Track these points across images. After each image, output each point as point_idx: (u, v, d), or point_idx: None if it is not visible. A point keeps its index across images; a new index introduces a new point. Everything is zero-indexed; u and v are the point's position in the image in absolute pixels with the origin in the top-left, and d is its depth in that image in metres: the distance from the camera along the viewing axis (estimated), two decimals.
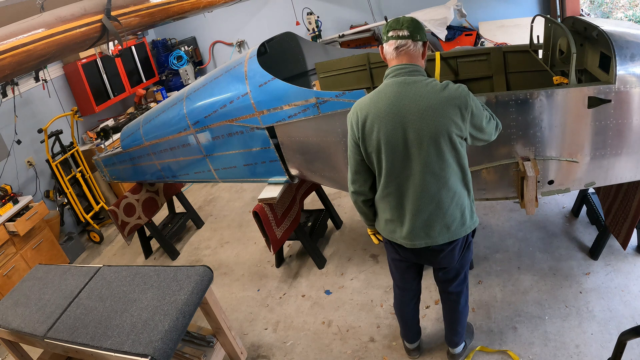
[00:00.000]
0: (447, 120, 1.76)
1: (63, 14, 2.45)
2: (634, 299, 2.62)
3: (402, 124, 1.80)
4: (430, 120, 1.76)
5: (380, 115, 1.83)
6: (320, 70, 3.75)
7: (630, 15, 6.51)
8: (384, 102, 1.83)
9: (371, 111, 1.85)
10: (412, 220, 1.93)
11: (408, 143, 1.81)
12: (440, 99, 1.77)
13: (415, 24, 1.85)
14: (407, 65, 1.85)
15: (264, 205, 3.11)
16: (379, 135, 1.84)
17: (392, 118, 1.80)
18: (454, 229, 1.94)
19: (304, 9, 6.30)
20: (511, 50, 3.22)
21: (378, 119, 1.83)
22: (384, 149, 1.85)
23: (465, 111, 1.79)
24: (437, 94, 1.78)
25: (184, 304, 2.27)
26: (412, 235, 1.96)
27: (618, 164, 2.32)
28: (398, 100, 1.80)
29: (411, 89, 1.80)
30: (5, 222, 3.94)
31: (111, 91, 5.81)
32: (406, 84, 1.82)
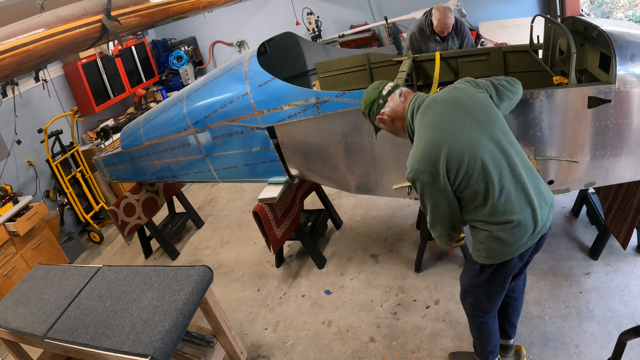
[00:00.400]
0: (485, 101, 1.84)
1: (63, 14, 2.45)
2: (634, 299, 2.62)
3: (471, 127, 1.74)
4: (480, 106, 1.80)
5: (452, 136, 1.73)
6: (320, 70, 3.75)
7: (630, 15, 6.51)
8: (441, 126, 1.75)
9: (445, 145, 1.72)
10: (536, 200, 1.79)
11: (484, 137, 1.74)
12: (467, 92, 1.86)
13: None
14: (416, 94, 1.91)
15: (264, 205, 3.11)
16: (462, 154, 1.71)
17: (461, 129, 1.74)
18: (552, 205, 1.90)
19: (304, 9, 6.31)
20: (511, 50, 3.22)
21: (454, 141, 1.72)
22: (480, 164, 1.72)
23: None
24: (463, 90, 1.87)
25: (184, 304, 2.27)
26: (541, 214, 1.81)
27: (618, 164, 2.32)
28: (447, 112, 1.79)
29: (443, 97, 1.84)
30: (5, 222, 3.94)
31: (111, 91, 5.81)
32: (435, 99, 1.84)
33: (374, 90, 1.93)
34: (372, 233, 3.84)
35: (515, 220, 1.78)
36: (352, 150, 2.70)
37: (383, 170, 2.70)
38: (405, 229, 3.76)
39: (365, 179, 2.80)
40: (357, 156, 2.72)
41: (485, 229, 1.83)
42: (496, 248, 1.85)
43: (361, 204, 4.29)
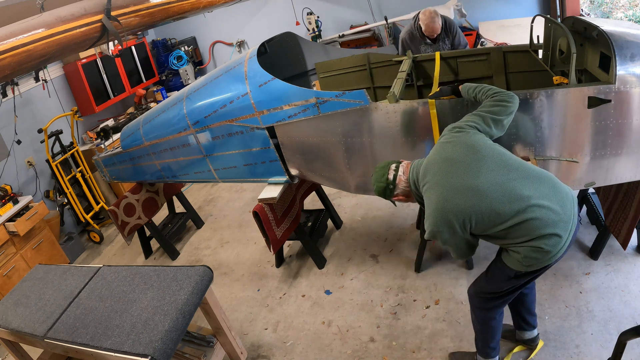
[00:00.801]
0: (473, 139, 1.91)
1: (63, 14, 2.45)
2: (634, 299, 2.62)
3: (480, 167, 1.83)
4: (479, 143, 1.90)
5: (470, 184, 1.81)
6: (320, 70, 3.75)
7: (630, 15, 6.51)
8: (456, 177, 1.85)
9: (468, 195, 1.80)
10: (559, 205, 1.81)
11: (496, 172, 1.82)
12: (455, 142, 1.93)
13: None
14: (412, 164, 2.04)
15: (264, 205, 3.11)
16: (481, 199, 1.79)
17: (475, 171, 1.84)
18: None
19: (304, 9, 6.30)
20: (511, 50, 3.21)
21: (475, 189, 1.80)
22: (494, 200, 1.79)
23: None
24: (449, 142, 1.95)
25: (184, 304, 2.27)
26: (566, 215, 1.82)
27: (618, 164, 2.32)
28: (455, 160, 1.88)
29: (438, 157, 1.94)
30: (5, 222, 3.94)
31: (111, 91, 5.81)
32: (430, 161, 1.94)
33: (381, 178, 2.05)
34: (372, 233, 3.84)
35: (549, 234, 1.79)
36: (352, 150, 2.70)
37: None
38: (405, 229, 3.76)
39: (365, 179, 2.80)
40: (357, 156, 2.72)
41: (524, 246, 1.84)
42: (537, 256, 1.85)
43: (361, 204, 4.29)
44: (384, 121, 2.51)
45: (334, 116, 2.61)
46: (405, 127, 2.49)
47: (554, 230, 1.79)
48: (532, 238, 1.80)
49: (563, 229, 1.80)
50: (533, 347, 2.45)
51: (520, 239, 1.82)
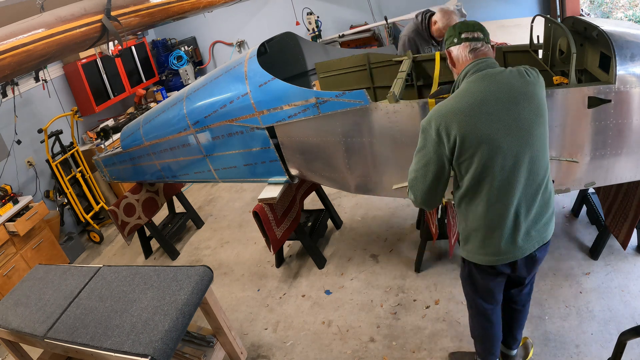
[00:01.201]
0: (541, 102, 1.72)
1: (63, 14, 2.45)
2: (634, 299, 2.62)
3: (502, 116, 1.66)
4: (527, 102, 1.68)
5: (477, 114, 1.66)
6: (320, 70, 3.75)
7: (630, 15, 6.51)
8: (476, 98, 1.69)
9: (465, 112, 1.68)
10: (526, 221, 1.77)
11: (513, 133, 1.67)
12: (526, 80, 1.72)
13: (484, 29, 1.82)
14: (485, 59, 1.77)
15: (264, 205, 3.11)
16: (479, 136, 1.66)
17: (490, 113, 1.66)
18: (551, 226, 1.85)
19: (304, 9, 6.30)
20: (511, 50, 3.21)
21: (476, 119, 1.66)
22: (487, 149, 1.66)
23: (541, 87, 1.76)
24: (522, 75, 1.73)
25: (184, 304, 2.27)
26: (525, 239, 1.80)
27: (618, 164, 2.32)
28: (491, 91, 1.69)
29: (500, 77, 1.71)
30: (5, 222, 3.94)
31: (111, 91, 5.81)
32: (493, 75, 1.72)
33: (458, 28, 1.82)
34: (372, 233, 3.84)
35: (483, 231, 1.81)
36: (352, 150, 2.70)
37: (383, 170, 2.70)
38: (405, 229, 3.76)
39: (365, 179, 2.80)
40: (357, 156, 2.72)
41: (466, 222, 1.86)
42: (469, 246, 1.90)
43: (361, 204, 4.29)
44: (384, 121, 2.51)
45: (334, 116, 2.61)
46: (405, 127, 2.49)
47: (493, 230, 1.78)
48: (473, 222, 1.81)
49: (499, 243, 1.80)
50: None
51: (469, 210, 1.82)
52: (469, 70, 1.78)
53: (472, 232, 1.85)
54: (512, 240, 1.79)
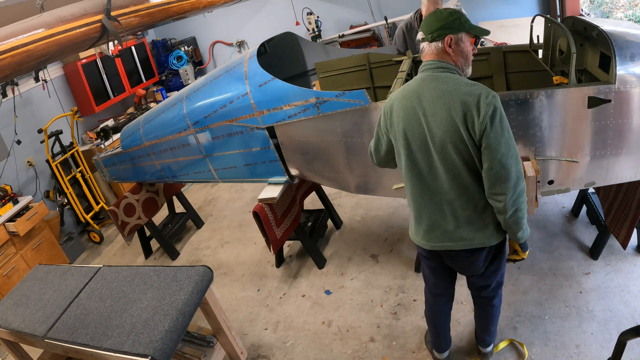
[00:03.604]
0: (455, 120, 1.68)
1: (63, 14, 2.45)
2: (634, 299, 2.62)
3: (420, 121, 1.76)
4: (439, 119, 1.71)
5: (404, 108, 1.81)
6: (320, 70, 3.75)
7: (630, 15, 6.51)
8: (408, 95, 1.81)
9: (399, 102, 1.84)
10: (428, 221, 1.92)
11: (426, 140, 1.77)
12: (453, 97, 1.68)
13: (433, 23, 1.78)
14: (430, 62, 1.81)
15: (264, 205, 3.11)
16: (403, 128, 1.82)
17: (411, 113, 1.79)
18: (470, 237, 1.88)
19: (304, 9, 6.31)
20: (511, 50, 3.22)
21: (403, 112, 1.82)
22: (405, 143, 1.83)
23: (477, 115, 1.64)
24: (452, 92, 1.70)
25: (184, 304, 2.27)
26: (428, 236, 1.95)
27: (618, 164, 2.32)
28: (417, 95, 1.77)
29: (431, 86, 1.76)
30: (5, 222, 3.94)
31: (111, 91, 5.81)
32: (428, 80, 1.78)
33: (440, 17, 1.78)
34: (372, 233, 3.84)
35: (413, 213, 1.99)
36: (352, 150, 2.71)
37: (383, 170, 2.70)
38: (405, 229, 3.76)
39: (365, 179, 2.80)
40: (357, 156, 2.72)
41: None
42: (411, 223, 2.07)
43: (361, 204, 4.29)
44: None
45: (334, 116, 2.61)
46: None
47: (414, 216, 1.98)
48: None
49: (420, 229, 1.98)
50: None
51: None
52: (420, 68, 1.88)
53: (410, 212, 2.03)
54: (425, 232, 1.96)
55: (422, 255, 2.15)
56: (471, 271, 2.07)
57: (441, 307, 2.32)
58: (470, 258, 1.97)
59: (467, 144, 1.70)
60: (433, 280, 2.25)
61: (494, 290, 2.19)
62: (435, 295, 2.30)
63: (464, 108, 1.66)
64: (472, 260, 1.98)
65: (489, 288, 2.17)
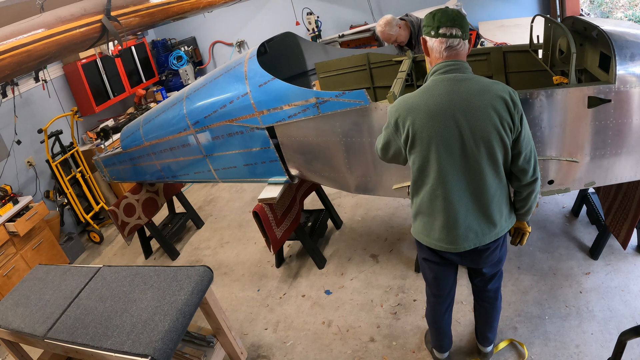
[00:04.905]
0: (496, 117, 1.70)
1: (63, 14, 2.45)
2: (634, 299, 2.62)
3: (455, 122, 1.72)
4: (481, 116, 1.70)
5: (433, 114, 1.73)
6: (320, 70, 3.75)
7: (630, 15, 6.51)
8: (435, 99, 1.74)
9: (421, 110, 1.75)
10: (463, 221, 1.86)
11: (463, 141, 1.74)
12: (490, 94, 1.71)
13: (465, 22, 1.78)
14: (457, 62, 1.78)
15: (264, 205, 3.11)
16: (430, 134, 1.74)
17: (445, 116, 1.72)
18: (499, 227, 1.91)
19: (304, 9, 6.31)
20: (511, 50, 3.21)
21: (430, 118, 1.74)
22: (435, 148, 1.76)
23: (514, 109, 1.72)
24: (487, 89, 1.72)
25: (184, 304, 2.27)
26: (461, 237, 1.89)
27: (618, 163, 2.32)
28: (450, 97, 1.73)
29: (463, 86, 1.73)
30: (5, 222, 3.94)
31: (111, 91, 5.81)
32: (458, 81, 1.75)
33: (437, 20, 1.76)
34: (372, 233, 3.84)
35: (426, 216, 1.96)
36: (352, 150, 2.71)
37: (383, 170, 2.70)
38: (405, 229, 3.76)
39: (365, 179, 2.80)
40: (357, 156, 2.72)
41: (414, 204, 2.01)
42: (416, 224, 2.06)
43: (361, 204, 4.29)
44: (384, 121, 2.51)
45: (334, 116, 2.61)
46: None
47: (437, 220, 1.91)
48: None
49: (437, 229, 1.93)
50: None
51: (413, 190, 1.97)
52: (438, 69, 1.80)
53: (419, 215, 2.00)
54: (447, 233, 1.90)
55: (429, 260, 2.11)
56: (491, 261, 2.05)
57: (445, 309, 2.30)
58: (493, 248, 1.98)
59: (506, 137, 1.74)
60: (438, 282, 2.21)
61: (499, 279, 2.22)
62: (439, 297, 2.27)
63: (501, 102, 1.71)
64: (494, 249, 1.99)
65: (496, 276, 2.20)
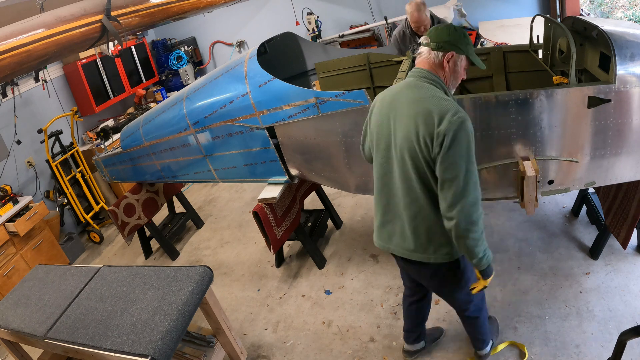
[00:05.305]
0: (414, 129, 1.68)
1: (63, 14, 2.45)
2: (634, 299, 2.62)
3: (389, 122, 1.82)
4: (404, 124, 1.73)
5: (381, 108, 1.88)
6: (320, 70, 3.75)
7: (630, 15, 6.51)
8: (388, 96, 1.88)
9: (378, 101, 1.92)
10: (381, 219, 1.99)
11: (391, 142, 1.82)
12: (421, 107, 1.68)
13: (444, 36, 1.77)
14: (420, 69, 1.82)
15: (264, 205, 3.11)
16: (373, 126, 1.92)
17: (386, 114, 1.84)
18: (424, 252, 1.86)
19: (304, 9, 6.31)
20: (511, 50, 3.22)
21: (378, 111, 1.89)
22: (376, 142, 1.91)
23: (438, 127, 1.60)
24: (422, 101, 1.70)
25: (184, 304, 2.27)
26: (384, 237, 2.01)
27: (618, 163, 2.32)
28: (395, 99, 1.83)
29: (409, 92, 1.79)
30: (5, 222, 3.94)
31: (111, 91, 5.81)
32: (409, 87, 1.80)
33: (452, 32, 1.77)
34: (372, 233, 3.82)
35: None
36: (352, 150, 2.70)
37: None
38: None
39: (365, 179, 2.80)
40: (357, 156, 2.72)
41: None
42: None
43: (361, 204, 4.29)
44: None
45: (334, 116, 2.61)
46: None
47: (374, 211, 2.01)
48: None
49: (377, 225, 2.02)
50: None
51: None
52: (411, 72, 1.89)
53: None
54: (377, 229, 2.03)
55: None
56: (431, 285, 2.12)
57: (410, 301, 2.39)
58: (426, 272, 1.97)
59: (419, 153, 1.69)
60: (404, 280, 2.38)
61: (460, 309, 2.20)
62: (404, 286, 2.41)
63: (426, 117, 1.65)
64: (418, 272, 2.02)
65: (454, 305, 2.20)
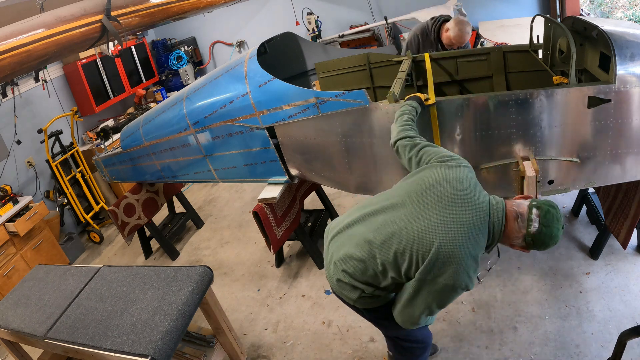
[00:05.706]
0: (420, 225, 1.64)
1: (63, 14, 2.45)
2: (634, 299, 2.62)
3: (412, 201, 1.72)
4: (420, 222, 1.64)
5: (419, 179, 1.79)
6: (320, 70, 3.75)
7: (630, 15, 6.51)
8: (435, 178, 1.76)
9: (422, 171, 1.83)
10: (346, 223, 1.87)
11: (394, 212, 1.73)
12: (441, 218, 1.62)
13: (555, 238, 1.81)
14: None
15: (264, 205, 3.11)
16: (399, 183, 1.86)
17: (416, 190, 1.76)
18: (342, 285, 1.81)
19: (304, 9, 6.31)
20: (511, 50, 3.22)
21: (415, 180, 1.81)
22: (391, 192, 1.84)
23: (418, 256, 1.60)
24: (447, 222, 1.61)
25: (184, 304, 2.27)
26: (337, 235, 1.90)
27: (618, 163, 2.32)
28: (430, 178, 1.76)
29: (446, 184, 1.72)
30: (5, 222, 3.93)
31: (111, 91, 5.81)
32: (445, 181, 1.73)
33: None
34: None
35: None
36: (352, 150, 2.70)
37: (383, 170, 2.70)
38: None
39: (365, 179, 2.80)
40: (357, 156, 2.72)
41: None
42: None
43: None
44: (384, 121, 2.51)
45: (334, 116, 2.61)
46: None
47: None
48: None
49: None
50: None
51: None
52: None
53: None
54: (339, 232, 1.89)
55: None
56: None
57: None
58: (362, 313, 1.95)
59: (404, 264, 1.65)
60: None
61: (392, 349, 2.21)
62: None
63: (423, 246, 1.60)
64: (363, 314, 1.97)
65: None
